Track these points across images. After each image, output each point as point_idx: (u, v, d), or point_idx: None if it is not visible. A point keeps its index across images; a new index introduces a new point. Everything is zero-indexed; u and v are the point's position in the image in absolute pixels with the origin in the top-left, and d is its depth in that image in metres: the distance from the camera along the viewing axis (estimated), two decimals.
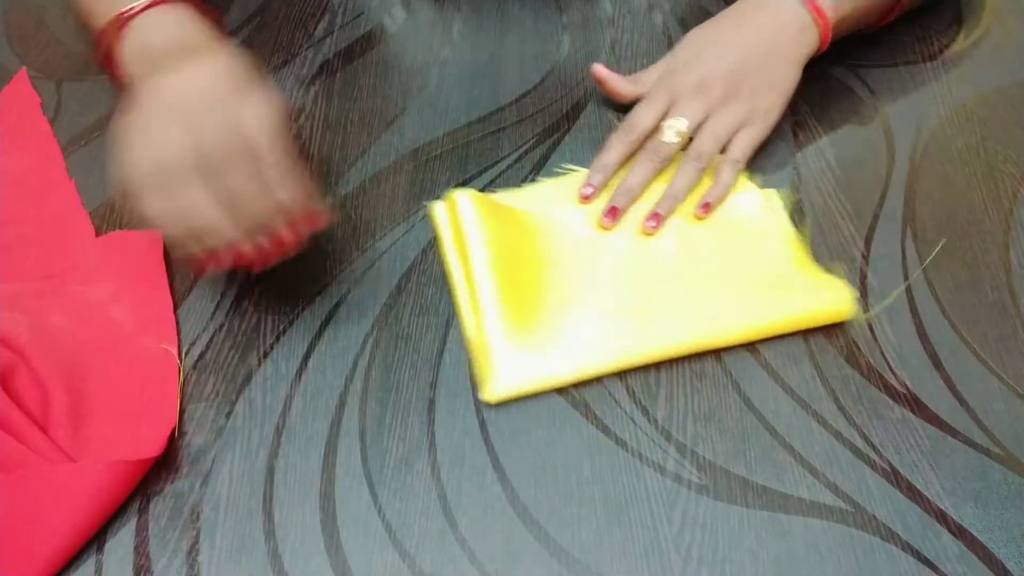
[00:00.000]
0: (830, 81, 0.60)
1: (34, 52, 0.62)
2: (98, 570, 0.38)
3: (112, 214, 0.52)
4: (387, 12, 0.66)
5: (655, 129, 0.54)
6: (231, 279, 0.50)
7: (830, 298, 0.48)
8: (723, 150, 0.54)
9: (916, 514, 0.41)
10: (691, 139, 0.54)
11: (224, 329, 0.48)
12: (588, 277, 0.50)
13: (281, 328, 0.48)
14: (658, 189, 0.54)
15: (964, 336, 0.47)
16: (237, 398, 0.45)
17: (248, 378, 0.46)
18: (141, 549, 0.39)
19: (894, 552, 0.40)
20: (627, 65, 0.61)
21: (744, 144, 0.54)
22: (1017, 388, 0.45)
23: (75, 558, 0.38)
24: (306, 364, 0.46)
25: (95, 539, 0.39)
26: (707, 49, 0.56)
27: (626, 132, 0.54)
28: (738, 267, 0.50)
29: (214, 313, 0.48)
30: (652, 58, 0.61)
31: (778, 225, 0.52)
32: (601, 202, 0.53)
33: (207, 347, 0.47)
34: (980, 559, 0.39)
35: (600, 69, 0.58)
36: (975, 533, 0.40)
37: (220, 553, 0.40)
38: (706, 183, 0.54)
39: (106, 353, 0.45)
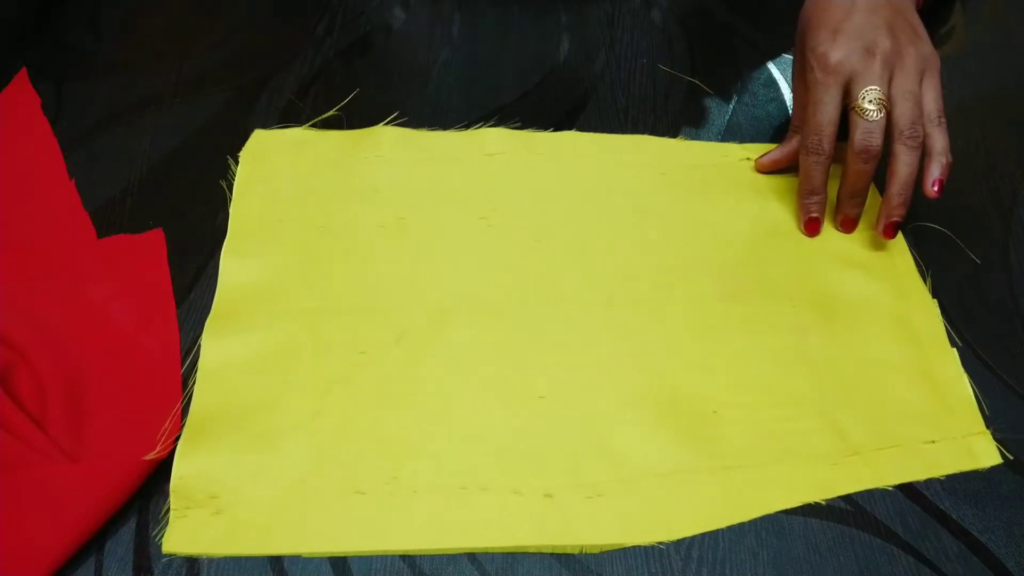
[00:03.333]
0: None
1: (34, 52, 0.62)
2: (98, 570, 0.38)
3: (112, 214, 0.52)
4: (387, 12, 0.66)
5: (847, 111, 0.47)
6: None
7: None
8: None
9: (916, 514, 0.41)
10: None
11: None
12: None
13: None
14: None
15: (964, 336, 0.47)
16: None
17: None
18: (141, 549, 0.39)
19: (894, 552, 0.40)
20: (627, 65, 0.61)
21: (933, 96, 0.48)
22: (1017, 388, 0.45)
23: (75, 558, 0.38)
24: None
25: (95, 539, 0.39)
26: (838, 21, 0.49)
27: (815, 146, 0.48)
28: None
29: None
30: (652, 58, 0.61)
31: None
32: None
33: None
34: (980, 559, 0.39)
35: (761, 162, 0.53)
36: (975, 533, 0.40)
37: None
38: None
39: (106, 353, 0.44)
